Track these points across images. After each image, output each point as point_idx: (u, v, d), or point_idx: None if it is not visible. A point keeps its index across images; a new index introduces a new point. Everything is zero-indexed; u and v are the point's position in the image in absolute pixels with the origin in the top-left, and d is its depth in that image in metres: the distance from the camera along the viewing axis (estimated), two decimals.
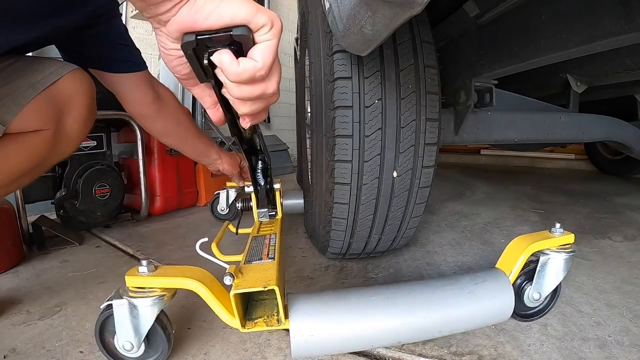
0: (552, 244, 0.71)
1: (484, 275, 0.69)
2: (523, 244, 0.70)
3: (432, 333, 0.63)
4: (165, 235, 1.41)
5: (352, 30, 0.52)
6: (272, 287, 0.54)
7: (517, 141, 1.28)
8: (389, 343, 0.63)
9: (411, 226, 0.95)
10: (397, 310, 0.61)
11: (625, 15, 0.66)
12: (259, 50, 0.37)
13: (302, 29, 1.28)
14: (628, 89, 1.56)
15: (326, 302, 0.60)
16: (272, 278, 0.56)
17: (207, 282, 0.58)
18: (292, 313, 0.57)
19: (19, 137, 0.69)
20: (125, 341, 0.58)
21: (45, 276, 1.05)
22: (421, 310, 0.62)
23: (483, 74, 1.08)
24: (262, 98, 0.41)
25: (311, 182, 1.07)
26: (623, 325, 0.71)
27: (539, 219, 1.47)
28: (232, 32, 0.36)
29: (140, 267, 0.58)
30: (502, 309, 0.66)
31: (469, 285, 0.67)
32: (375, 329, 0.59)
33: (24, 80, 0.69)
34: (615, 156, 2.50)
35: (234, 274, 0.56)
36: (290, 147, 3.11)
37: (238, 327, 0.56)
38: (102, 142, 1.53)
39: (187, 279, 0.58)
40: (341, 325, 0.58)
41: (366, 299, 0.61)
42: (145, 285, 0.57)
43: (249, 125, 0.46)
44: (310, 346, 0.57)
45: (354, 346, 0.60)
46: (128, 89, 0.95)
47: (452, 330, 0.65)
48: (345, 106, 0.77)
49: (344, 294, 0.63)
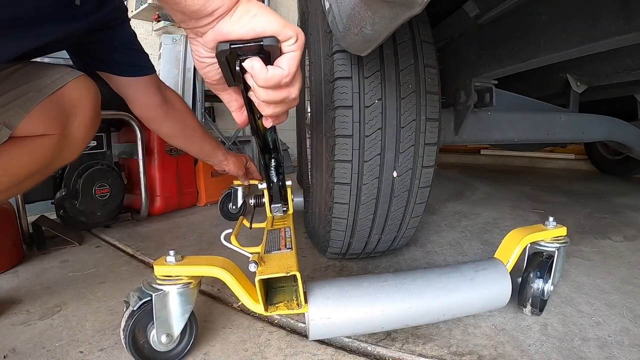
0: (546, 236, 0.76)
1: (484, 264, 0.74)
2: (519, 236, 0.75)
3: (437, 316, 0.69)
4: (166, 235, 1.41)
5: (352, 30, 0.52)
6: (294, 273, 0.58)
7: (517, 141, 1.28)
8: (398, 325, 0.68)
9: (411, 226, 0.95)
10: (405, 295, 0.66)
11: (625, 15, 0.66)
12: (286, 60, 0.42)
13: (302, 29, 1.28)
14: (628, 89, 1.56)
15: (341, 288, 0.65)
16: (293, 265, 0.61)
17: (231, 270, 0.63)
18: (311, 297, 0.62)
19: (25, 140, 0.70)
20: (163, 334, 0.60)
21: (45, 276, 1.05)
22: (427, 295, 0.67)
23: (483, 74, 1.08)
24: (285, 102, 0.46)
25: (311, 182, 1.07)
26: (623, 325, 0.71)
27: (539, 219, 1.46)
28: (262, 43, 0.40)
29: (167, 257, 0.61)
30: (501, 295, 0.71)
31: (470, 273, 0.71)
32: (385, 312, 0.64)
33: (31, 85, 0.70)
34: (615, 156, 2.50)
35: (257, 262, 0.60)
36: (290, 147, 3.11)
37: (261, 311, 0.60)
38: (102, 142, 1.53)
39: (213, 267, 0.62)
40: (355, 309, 0.63)
41: (378, 285, 0.67)
42: (173, 273, 0.61)
43: (270, 125, 0.51)
44: (327, 328, 0.63)
45: (366, 328, 0.66)
46: (136, 93, 0.97)
47: (455, 314, 0.70)
48: (345, 106, 0.77)
49: (357, 280, 0.68)
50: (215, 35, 0.41)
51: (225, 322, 0.77)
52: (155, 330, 0.59)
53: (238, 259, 0.67)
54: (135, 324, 0.59)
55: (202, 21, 0.40)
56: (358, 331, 0.67)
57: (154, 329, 0.59)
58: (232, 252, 0.69)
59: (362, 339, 0.69)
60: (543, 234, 0.76)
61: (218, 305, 0.85)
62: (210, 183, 1.95)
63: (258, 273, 0.58)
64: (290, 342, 0.70)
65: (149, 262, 1.14)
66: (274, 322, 0.77)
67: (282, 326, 0.76)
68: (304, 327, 0.74)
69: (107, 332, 0.74)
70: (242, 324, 0.77)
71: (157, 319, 0.58)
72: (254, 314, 0.81)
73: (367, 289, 0.66)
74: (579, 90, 1.42)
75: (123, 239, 1.37)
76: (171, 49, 2.26)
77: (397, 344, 0.68)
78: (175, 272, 0.61)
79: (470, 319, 0.75)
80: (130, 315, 0.59)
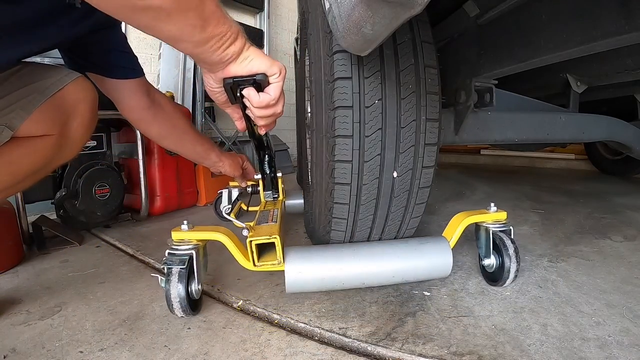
0: (487, 219, 0.89)
1: (430, 239, 0.89)
2: (462, 217, 0.90)
3: (387, 278, 0.85)
4: (165, 235, 1.40)
5: (352, 30, 0.51)
6: (275, 236, 0.76)
7: (517, 141, 1.28)
8: (356, 283, 0.84)
9: (411, 226, 0.95)
10: (362, 259, 0.83)
11: (625, 15, 0.66)
12: (272, 88, 0.61)
13: (302, 29, 1.28)
14: (628, 89, 1.57)
15: (312, 252, 0.84)
16: (275, 233, 0.78)
17: (229, 236, 0.80)
18: (287, 257, 0.80)
19: (25, 141, 0.72)
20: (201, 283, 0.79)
21: (45, 276, 1.05)
22: (379, 260, 0.84)
23: (483, 74, 1.08)
24: (273, 116, 0.65)
25: (311, 182, 1.07)
26: (623, 325, 0.71)
27: (539, 219, 1.47)
28: (255, 77, 0.59)
29: (182, 225, 0.78)
30: (443, 266, 0.87)
31: (416, 245, 0.87)
32: (345, 271, 0.82)
33: (32, 87, 0.72)
34: (615, 156, 2.50)
35: (249, 229, 0.77)
36: (290, 147, 3.11)
37: (251, 267, 0.78)
38: (102, 142, 1.53)
39: (216, 232, 0.79)
40: (322, 267, 0.81)
41: (341, 251, 0.85)
42: (185, 237, 0.78)
43: (264, 132, 0.76)
44: (299, 282, 0.80)
45: (330, 284, 0.82)
46: (125, 95, 0.98)
47: (403, 277, 0.86)
48: (345, 106, 0.77)
49: (325, 247, 0.86)
50: (224, 73, 0.58)
51: (225, 322, 0.77)
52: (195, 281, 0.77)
53: (235, 233, 0.82)
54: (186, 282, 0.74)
55: (217, 67, 0.57)
56: (324, 286, 0.82)
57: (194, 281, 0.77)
58: (231, 227, 0.84)
59: (362, 339, 0.69)
60: (483, 216, 0.89)
61: (218, 305, 0.85)
62: (210, 183, 1.95)
63: (249, 237, 0.75)
64: (290, 342, 0.70)
65: (149, 262, 1.14)
66: (274, 322, 0.77)
67: (282, 326, 0.76)
68: (304, 327, 0.74)
69: (107, 332, 0.74)
70: (242, 324, 0.77)
71: (198, 271, 0.77)
72: (254, 314, 0.81)
73: (332, 253, 0.83)
74: (579, 90, 1.43)
75: (123, 239, 1.37)
76: (171, 49, 2.25)
77: (397, 344, 0.68)
78: (188, 236, 0.78)
79: (470, 319, 0.75)
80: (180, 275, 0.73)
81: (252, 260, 0.77)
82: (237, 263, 0.79)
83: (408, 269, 0.84)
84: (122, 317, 0.80)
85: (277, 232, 0.78)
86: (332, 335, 0.71)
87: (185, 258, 0.75)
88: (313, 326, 0.74)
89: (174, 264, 0.74)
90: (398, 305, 0.82)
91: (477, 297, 0.84)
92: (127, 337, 0.73)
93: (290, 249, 0.83)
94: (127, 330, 0.75)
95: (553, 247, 1.15)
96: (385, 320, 0.76)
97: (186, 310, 0.74)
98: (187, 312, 0.74)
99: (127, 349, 0.69)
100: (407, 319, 0.76)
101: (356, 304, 0.83)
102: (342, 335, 0.71)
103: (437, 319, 0.76)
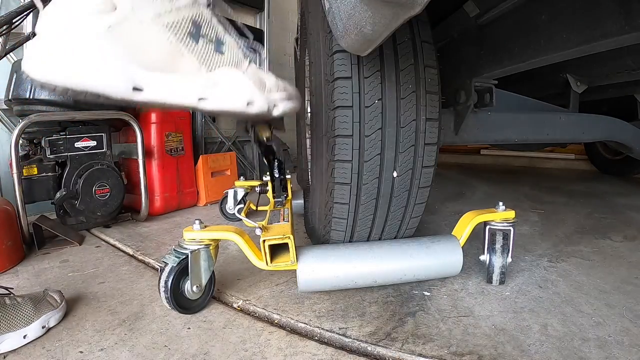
0: (496, 217, 0.89)
1: (440, 238, 0.89)
2: (472, 216, 0.90)
3: (399, 276, 0.85)
4: (165, 235, 1.41)
5: (352, 30, 0.52)
6: (288, 236, 0.75)
7: (517, 141, 1.28)
8: (368, 282, 0.84)
9: (411, 226, 0.95)
10: (374, 258, 0.83)
11: (625, 15, 0.67)
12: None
13: (302, 29, 1.28)
14: (628, 89, 1.56)
15: (324, 251, 0.84)
16: (288, 232, 0.77)
17: (242, 235, 0.80)
18: (300, 257, 0.81)
19: None
20: (195, 285, 0.78)
21: (45, 276, 1.04)
22: (391, 258, 0.84)
23: (483, 74, 1.08)
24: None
25: (311, 182, 1.07)
26: (623, 325, 0.71)
27: (539, 219, 1.47)
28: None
29: (194, 225, 0.78)
30: (453, 264, 0.87)
31: (427, 244, 0.87)
32: (358, 270, 0.82)
33: None
34: (615, 156, 2.50)
35: (262, 228, 0.77)
36: (290, 147, 3.11)
37: (264, 267, 0.78)
38: (102, 142, 1.52)
39: (229, 232, 0.79)
40: (334, 266, 0.81)
41: (352, 250, 0.85)
42: (198, 237, 0.77)
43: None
44: (312, 281, 0.80)
45: (343, 282, 0.82)
46: None
47: (415, 275, 0.86)
48: (345, 106, 0.77)
49: (337, 246, 0.87)
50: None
51: (225, 322, 0.77)
52: (189, 281, 0.76)
53: (247, 229, 0.83)
54: (174, 277, 0.74)
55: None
56: (337, 285, 0.82)
57: (188, 281, 0.76)
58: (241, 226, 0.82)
59: (362, 339, 0.69)
60: (493, 215, 0.89)
61: (218, 305, 0.85)
62: (210, 183, 1.95)
63: (262, 236, 0.75)
64: (290, 342, 0.70)
65: (149, 262, 1.14)
66: (273, 322, 0.77)
67: (282, 326, 0.76)
68: (304, 327, 0.74)
69: (107, 332, 0.74)
70: (242, 324, 0.77)
71: (192, 272, 0.76)
72: (254, 314, 0.81)
73: (344, 252, 0.84)
74: (579, 90, 1.43)
75: (123, 239, 1.37)
76: None
77: (397, 344, 0.68)
78: (199, 236, 0.77)
79: (470, 319, 0.75)
80: (170, 270, 0.74)
81: (265, 260, 0.77)
82: (236, 263, 0.80)
83: (419, 267, 0.85)
84: (122, 317, 0.80)
85: (289, 232, 0.78)
86: (332, 335, 0.71)
87: (185, 255, 0.76)
88: (313, 326, 0.74)
89: (169, 260, 0.76)
90: (398, 305, 0.82)
91: (477, 297, 0.84)
92: (127, 337, 0.73)
93: (303, 248, 0.84)
94: (127, 330, 0.75)
95: (553, 247, 1.15)
96: (385, 320, 0.76)
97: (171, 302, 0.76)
98: (172, 304, 0.76)
99: (127, 349, 0.69)
100: (407, 319, 0.76)
101: (356, 304, 0.83)
102: (342, 335, 0.71)
103: (437, 319, 0.76)
